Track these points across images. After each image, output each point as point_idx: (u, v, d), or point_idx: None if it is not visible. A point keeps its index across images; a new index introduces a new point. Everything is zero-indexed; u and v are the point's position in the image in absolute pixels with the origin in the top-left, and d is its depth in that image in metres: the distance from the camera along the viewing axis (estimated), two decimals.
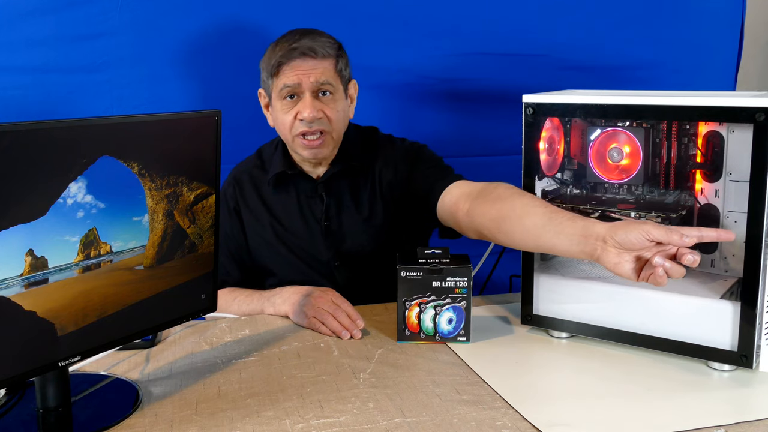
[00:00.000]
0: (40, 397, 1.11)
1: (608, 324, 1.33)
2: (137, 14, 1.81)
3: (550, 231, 1.24)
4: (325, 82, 1.56)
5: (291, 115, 1.57)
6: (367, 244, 1.67)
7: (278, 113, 1.59)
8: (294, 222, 1.68)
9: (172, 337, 1.43)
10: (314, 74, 1.55)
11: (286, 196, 1.68)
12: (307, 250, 1.68)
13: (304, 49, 1.54)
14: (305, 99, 1.55)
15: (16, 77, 1.77)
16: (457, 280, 1.35)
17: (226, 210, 1.70)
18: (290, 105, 1.57)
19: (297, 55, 1.54)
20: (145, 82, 1.84)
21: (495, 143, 2.07)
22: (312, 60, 1.55)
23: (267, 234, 1.69)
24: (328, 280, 1.66)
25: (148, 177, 1.13)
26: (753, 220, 1.17)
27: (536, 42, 2.07)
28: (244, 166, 1.74)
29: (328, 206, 1.66)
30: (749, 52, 2.38)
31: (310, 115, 1.54)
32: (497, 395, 1.16)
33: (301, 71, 1.54)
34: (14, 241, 0.95)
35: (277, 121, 1.62)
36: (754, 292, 1.18)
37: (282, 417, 1.10)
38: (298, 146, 1.60)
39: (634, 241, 1.13)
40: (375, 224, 1.67)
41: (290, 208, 1.68)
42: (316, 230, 1.67)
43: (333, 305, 1.43)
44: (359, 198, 1.67)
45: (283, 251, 1.68)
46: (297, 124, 1.57)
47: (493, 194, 1.39)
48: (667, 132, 1.36)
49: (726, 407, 1.12)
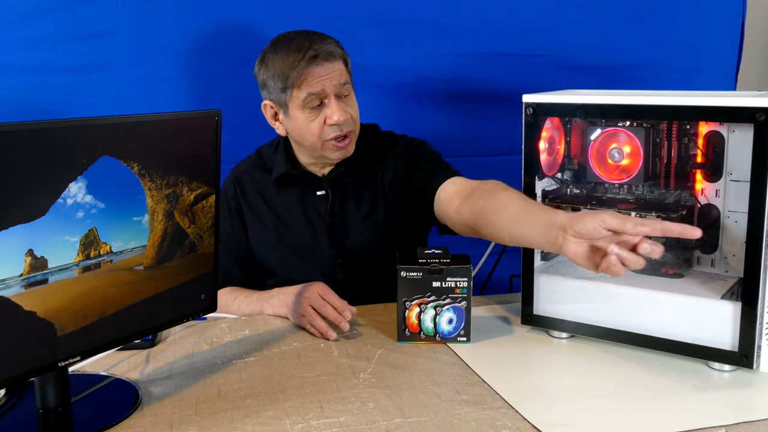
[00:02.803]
0: (40, 397, 1.10)
1: (608, 324, 1.32)
2: (137, 14, 1.81)
3: (523, 222, 1.27)
4: (344, 82, 1.56)
5: (319, 121, 1.55)
6: (369, 242, 1.67)
7: (301, 122, 1.56)
8: (297, 220, 1.68)
9: (172, 337, 1.43)
10: (334, 77, 1.54)
11: (289, 196, 1.69)
12: (309, 248, 1.68)
13: (324, 54, 1.52)
14: (332, 104, 1.54)
15: (16, 77, 1.77)
16: (458, 280, 1.35)
17: (227, 209, 1.70)
18: (315, 112, 1.55)
19: (317, 63, 1.52)
20: (145, 82, 1.84)
21: (495, 143, 2.07)
22: (328, 63, 1.53)
23: (269, 233, 1.69)
24: (330, 278, 1.65)
25: (148, 177, 1.13)
26: (753, 220, 1.17)
27: (536, 42, 2.07)
28: (244, 166, 1.74)
29: (333, 204, 1.66)
30: (749, 52, 2.38)
31: (341, 119, 1.54)
32: (497, 395, 1.16)
33: (322, 77, 1.52)
34: (14, 241, 0.95)
35: (300, 130, 1.58)
36: (755, 292, 1.18)
37: (282, 417, 1.10)
38: (328, 150, 1.58)
39: (591, 230, 1.12)
40: (377, 221, 1.67)
41: (293, 207, 1.68)
42: (320, 228, 1.67)
43: (319, 300, 1.43)
44: (362, 195, 1.68)
45: (285, 250, 1.68)
46: (327, 130, 1.55)
47: (482, 190, 1.42)
48: (667, 132, 1.36)
49: (726, 407, 1.11)
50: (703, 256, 1.37)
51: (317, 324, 1.41)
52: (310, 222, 1.67)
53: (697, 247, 1.37)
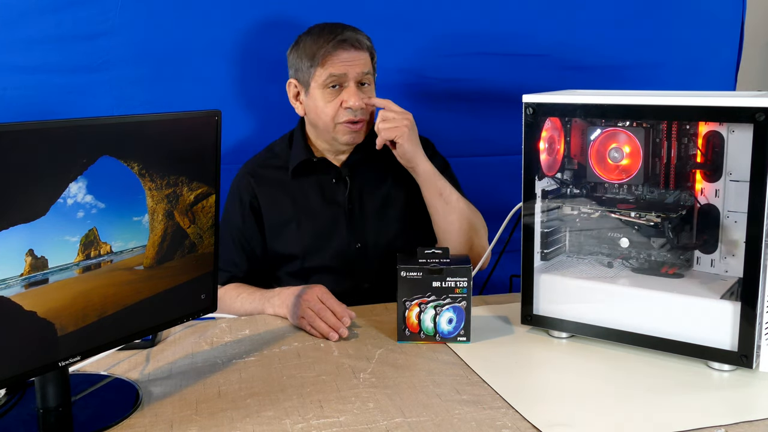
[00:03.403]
0: (40, 397, 1.11)
1: (608, 324, 1.33)
2: (137, 14, 1.81)
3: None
4: (367, 72, 1.64)
5: (335, 103, 1.63)
6: (388, 228, 1.71)
7: (318, 101, 1.64)
8: (316, 207, 1.70)
9: (172, 337, 1.43)
10: (359, 65, 1.62)
11: (307, 183, 1.71)
12: (329, 234, 1.70)
13: (352, 40, 1.61)
14: (350, 88, 1.62)
15: (16, 77, 1.77)
16: (457, 280, 1.35)
17: (239, 203, 1.71)
18: (334, 94, 1.63)
19: (345, 47, 1.60)
20: (145, 82, 1.84)
21: (495, 143, 2.07)
22: (356, 51, 1.62)
23: (288, 221, 1.70)
24: (347, 264, 1.69)
25: (148, 177, 1.13)
26: (753, 220, 1.17)
27: (536, 42, 2.07)
28: (257, 160, 1.76)
29: (351, 190, 1.70)
30: (749, 52, 2.38)
31: (356, 104, 1.61)
32: (497, 395, 1.16)
33: (347, 62, 1.61)
34: (14, 241, 0.95)
35: (316, 109, 1.65)
36: (754, 292, 1.18)
37: (282, 417, 1.10)
38: (340, 133, 1.65)
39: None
40: (395, 210, 1.73)
41: (312, 195, 1.71)
42: (339, 214, 1.70)
43: (319, 304, 1.43)
44: (380, 184, 1.73)
45: (305, 236, 1.69)
46: (342, 113, 1.63)
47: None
48: (667, 132, 1.36)
49: (726, 407, 1.12)
50: (703, 256, 1.37)
51: (317, 325, 1.41)
52: (330, 208, 1.70)
53: (697, 247, 1.37)
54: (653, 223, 1.36)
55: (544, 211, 1.43)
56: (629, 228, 1.40)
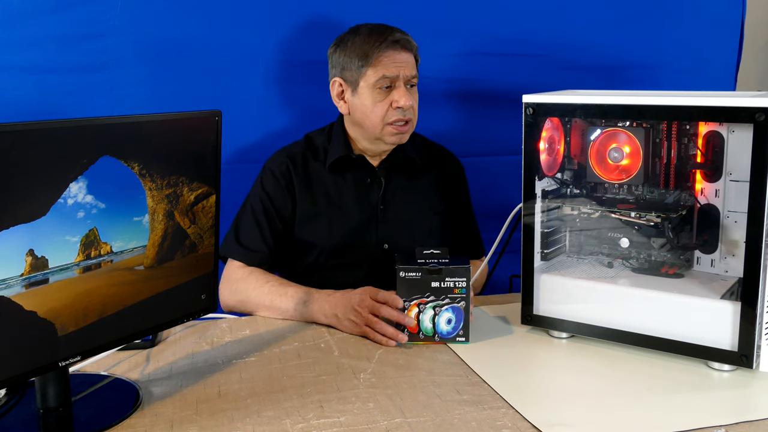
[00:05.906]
0: (40, 397, 1.11)
1: (608, 324, 1.33)
2: (137, 14, 1.81)
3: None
4: (415, 75, 1.66)
5: (385, 103, 1.63)
6: (416, 233, 1.72)
7: (368, 101, 1.63)
8: (350, 204, 1.70)
9: (172, 337, 1.43)
10: (408, 67, 1.64)
11: (342, 180, 1.72)
12: (358, 232, 1.70)
13: (404, 42, 1.63)
14: (401, 89, 1.62)
15: (16, 77, 1.77)
16: (456, 281, 1.35)
17: (276, 180, 1.69)
18: (384, 94, 1.63)
19: (397, 48, 1.61)
20: (145, 82, 1.84)
21: (495, 143, 2.07)
22: (406, 53, 1.64)
23: (320, 213, 1.69)
24: (372, 263, 1.69)
25: (149, 177, 1.13)
26: (753, 220, 1.17)
27: (536, 42, 2.07)
28: (296, 148, 1.74)
29: (385, 191, 1.71)
30: (749, 52, 2.38)
31: (407, 104, 1.62)
32: (497, 395, 1.16)
33: (399, 63, 1.62)
34: (14, 241, 0.95)
35: (365, 108, 1.64)
36: (754, 292, 1.18)
37: (282, 417, 1.10)
38: (387, 133, 1.65)
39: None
40: (425, 216, 1.74)
41: (346, 191, 1.71)
42: (371, 213, 1.71)
43: (376, 304, 1.39)
44: (414, 189, 1.74)
45: (334, 232, 1.69)
46: (391, 113, 1.63)
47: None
48: (667, 132, 1.36)
49: (726, 407, 1.12)
50: (703, 256, 1.37)
51: (386, 330, 1.37)
52: (362, 207, 1.71)
53: (697, 247, 1.37)
54: (653, 223, 1.36)
55: (544, 211, 1.43)
56: (629, 228, 1.41)
